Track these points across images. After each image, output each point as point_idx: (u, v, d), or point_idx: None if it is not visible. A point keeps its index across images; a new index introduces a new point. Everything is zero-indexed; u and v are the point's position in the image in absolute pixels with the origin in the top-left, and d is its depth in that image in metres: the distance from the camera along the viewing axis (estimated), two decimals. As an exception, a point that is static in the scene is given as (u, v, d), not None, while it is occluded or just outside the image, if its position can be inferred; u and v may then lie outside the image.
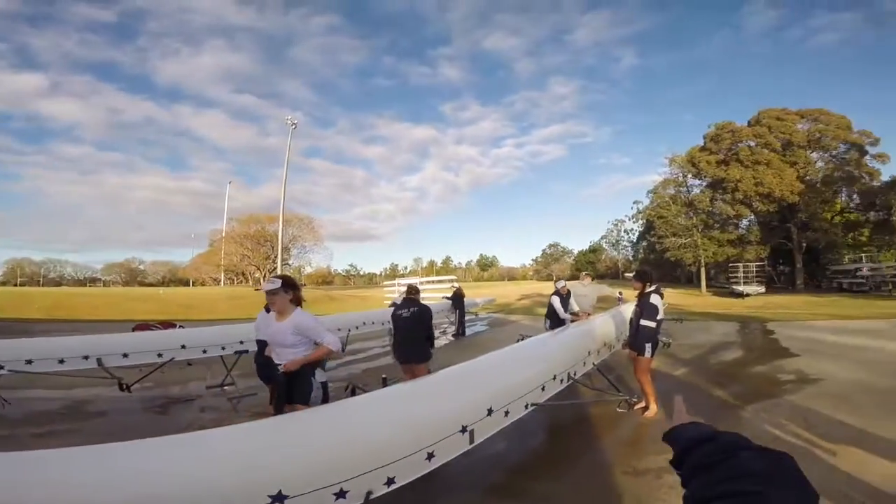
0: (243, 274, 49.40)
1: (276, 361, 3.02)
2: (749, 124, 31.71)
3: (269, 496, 1.61)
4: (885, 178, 27.83)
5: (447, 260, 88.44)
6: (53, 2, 74.05)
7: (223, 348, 5.75)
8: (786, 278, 34.49)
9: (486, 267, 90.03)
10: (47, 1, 73.66)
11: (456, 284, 13.95)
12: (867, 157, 28.52)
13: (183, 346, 5.46)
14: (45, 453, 1.66)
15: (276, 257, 40.19)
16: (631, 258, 58.83)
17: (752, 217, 32.30)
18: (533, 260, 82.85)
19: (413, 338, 4.72)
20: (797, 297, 24.30)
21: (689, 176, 33.46)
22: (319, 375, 3.07)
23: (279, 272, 38.16)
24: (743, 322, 12.92)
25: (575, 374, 3.86)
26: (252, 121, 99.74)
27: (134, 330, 8.29)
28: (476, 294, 21.47)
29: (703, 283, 32.82)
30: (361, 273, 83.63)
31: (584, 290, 7.28)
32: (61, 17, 74.76)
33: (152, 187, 79.69)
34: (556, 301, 6.89)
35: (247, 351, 5.76)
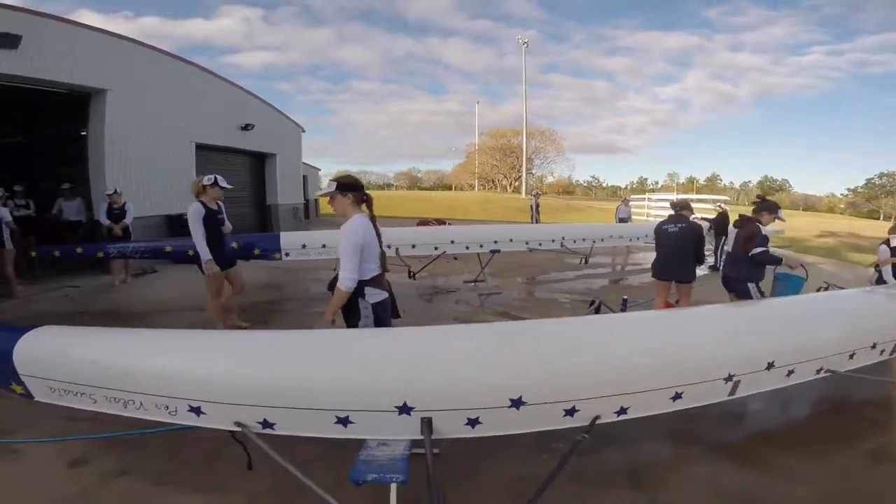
0: (493, 181, 54.05)
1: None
2: None
3: (511, 399, 1.75)
4: None
5: (713, 178, 73.20)
6: None
7: (481, 246, 6.46)
8: None
9: (770, 191, 70.52)
10: None
11: (723, 206, 11.53)
12: None
13: (452, 242, 6.37)
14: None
15: (520, 167, 42.30)
16: None
17: None
18: (849, 190, 59.49)
19: (678, 255, 4.33)
20: None
21: None
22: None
23: (523, 181, 40.39)
24: None
25: None
26: (490, 43, 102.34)
27: (417, 225, 10.30)
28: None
29: None
30: (604, 185, 79.07)
31: None
32: None
33: (421, 111, 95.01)
34: (885, 252, 4.80)
35: (499, 250, 6.43)
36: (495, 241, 6.48)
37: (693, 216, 4.64)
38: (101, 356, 1.89)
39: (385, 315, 2.50)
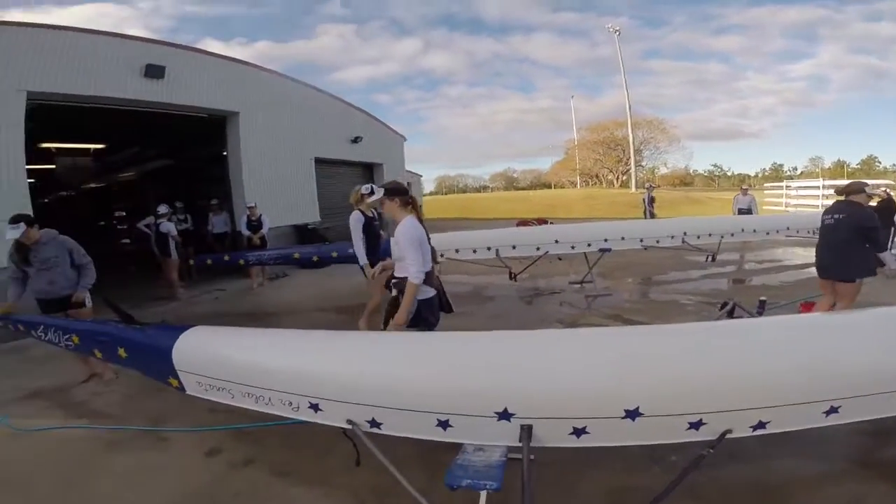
0: (597, 176, 51.18)
1: (396, 275, 2.72)
2: None
3: (626, 410, 1.63)
4: None
5: (869, 160, 59.85)
6: None
7: (588, 245, 6.09)
8: None
9: None
10: None
11: (889, 192, 9.07)
12: None
13: (556, 241, 6.13)
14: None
15: (627, 160, 39.42)
16: None
17: None
18: None
19: (835, 249, 3.64)
20: None
21: None
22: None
23: (632, 174, 37.51)
24: None
25: None
26: (578, 35, 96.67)
27: (517, 226, 10.13)
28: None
29: None
30: (729, 174, 69.84)
31: None
32: None
33: (512, 110, 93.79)
34: None
35: (609, 249, 5.99)
36: (605, 240, 6.04)
37: (871, 200, 3.84)
38: (238, 355, 2.16)
39: (429, 312, 2.58)
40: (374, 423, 1.85)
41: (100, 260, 3.84)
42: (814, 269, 3.97)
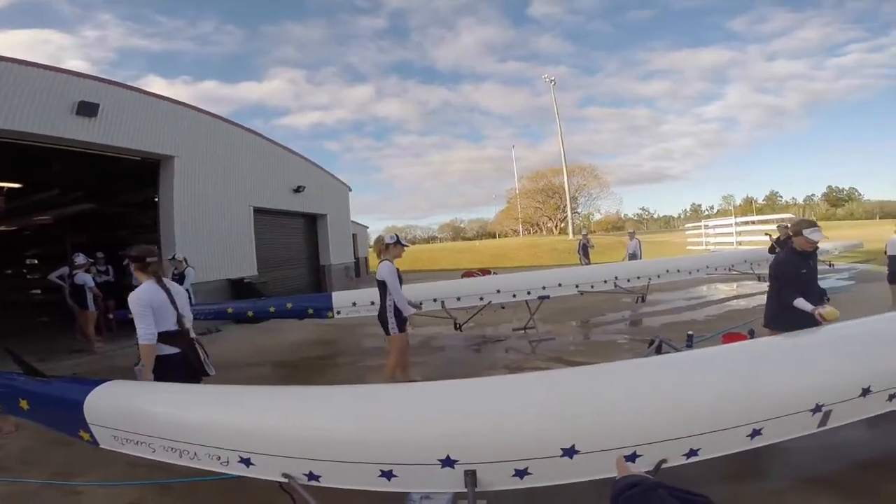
0: (537, 224, 53.76)
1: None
2: None
3: (563, 449, 1.67)
4: None
5: (772, 196, 68.68)
6: (347, 23, 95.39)
7: (528, 293, 6.32)
8: None
9: (838, 202, 65.30)
10: (344, 23, 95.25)
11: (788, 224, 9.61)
12: None
13: (498, 291, 6.31)
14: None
15: (565, 207, 41.89)
16: None
17: None
18: None
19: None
20: None
21: None
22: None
23: (569, 221, 39.89)
24: None
25: None
26: (522, 84, 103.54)
27: (462, 277, 10.32)
28: (830, 237, 15.89)
29: None
30: (655, 216, 76.40)
31: None
32: (357, 33, 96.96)
33: (462, 159, 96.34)
34: None
35: (548, 296, 6.26)
36: (543, 287, 6.33)
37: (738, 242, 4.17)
38: (160, 409, 2.08)
39: (169, 371, 2.59)
40: (311, 476, 1.80)
41: (6, 309, 3.48)
42: (734, 302, 4.23)
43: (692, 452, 1.78)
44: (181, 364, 2.71)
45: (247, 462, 1.85)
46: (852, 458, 2.60)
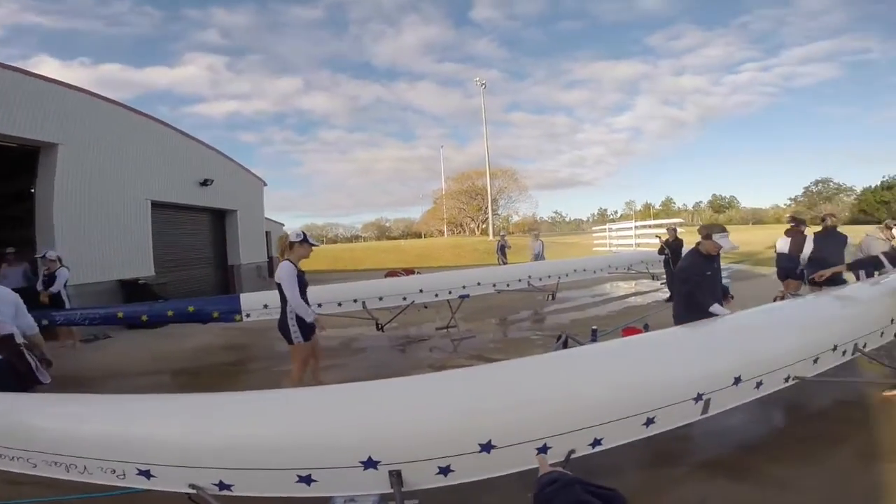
0: (461, 225, 55.03)
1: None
2: None
3: (480, 444, 1.71)
4: None
5: (667, 202, 77.57)
6: (280, 11, 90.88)
7: (450, 292, 6.49)
8: None
9: (720, 208, 75.48)
10: (277, 11, 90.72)
11: (680, 228, 10.31)
12: None
13: (420, 291, 6.36)
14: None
15: (486, 208, 43.38)
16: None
17: None
18: (791, 199, 64.73)
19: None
20: None
21: None
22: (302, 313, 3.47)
23: (490, 223, 41.38)
24: None
25: (864, 347, 2.97)
26: (456, 86, 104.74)
27: (385, 276, 10.22)
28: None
29: None
30: (567, 220, 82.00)
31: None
32: (290, 22, 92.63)
33: (391, 158, 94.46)
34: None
35: (468, 295, 6.48)
36: (463, 287, 6.54)
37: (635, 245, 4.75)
38: (36, 421, 1.90)
39: None
40: (223, 486, 1.71)
41: None
42: (632, 299, 4.73)
43: (597, 442, 1.90)
44: (7, 371, 2.59)
45: (146, 474, 1.73)
46: (736, 443, 2.94)
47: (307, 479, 1.69)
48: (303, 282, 3.62)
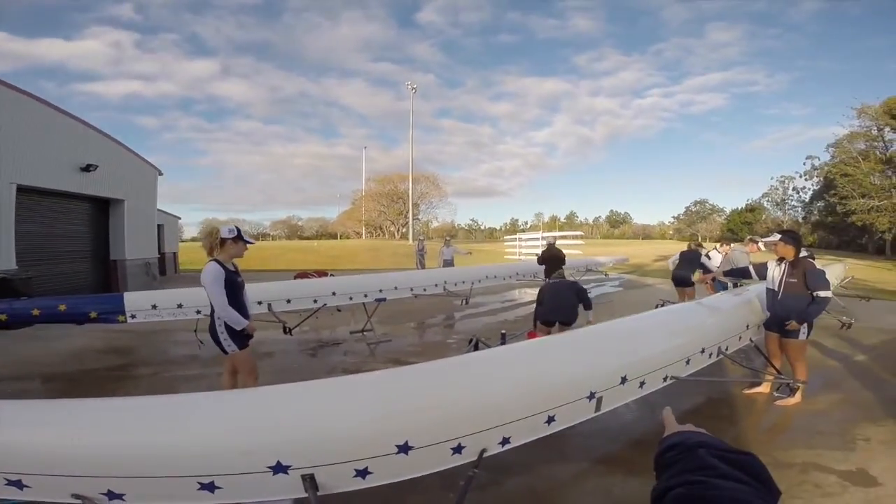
0: (380, 228, 54.32)
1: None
2: None
3: (397, 445, 1.73)
4: None
5: (571, 215, 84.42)
6: None
7: (365, 296, 6.35)
8: None
9: (616, 223, 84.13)
10: None
11: (552, 240, 10.53)
12: None
13: (333, 293, 6.11)
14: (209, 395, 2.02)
15: (407, 212, 43.41)
16: (801, 220, 48.37)
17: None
18: (674, 217, 74.65)
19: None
20: None
21: (888, 129, 28.81)
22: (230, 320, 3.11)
23: (410, 227, 41.46)
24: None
25: (727, 350, 3.50)
26: (389, 87, 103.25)
27: (295, 278, 9.76)
28: (607, 252, 20.37)
29: (902, 255, 26.82)
30: (482, 228, 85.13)
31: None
32: (217, 3, 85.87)
33: (309, 154, 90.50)
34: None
35: (384, 299, 6.42)
36: (380, 290, 6.47)
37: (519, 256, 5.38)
38: None
39: None
40: (112, 495, 1.58)
41: None
42: None
43: (505, 441, 2.00)
44: None
45: (17, 484, 1.54)
46: (627, 439, 3.28)
47: (210, 487, 1.59)
48: (237, 283, 3.25)
